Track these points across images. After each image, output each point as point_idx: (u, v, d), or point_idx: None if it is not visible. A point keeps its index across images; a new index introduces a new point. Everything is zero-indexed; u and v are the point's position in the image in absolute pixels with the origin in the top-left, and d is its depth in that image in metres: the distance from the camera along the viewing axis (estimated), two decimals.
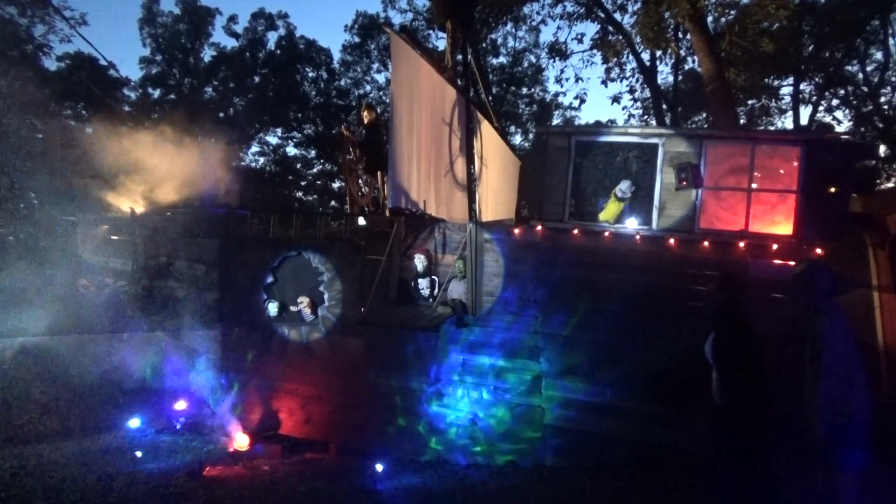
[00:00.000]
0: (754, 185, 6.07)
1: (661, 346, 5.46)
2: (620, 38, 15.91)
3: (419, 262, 6.49)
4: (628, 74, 17.53)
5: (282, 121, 22.01)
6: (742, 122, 16.27)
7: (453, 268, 6.35)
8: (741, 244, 5.66)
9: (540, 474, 5.64)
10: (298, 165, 23.35)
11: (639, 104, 19.27)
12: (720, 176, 6.16)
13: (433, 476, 5.73)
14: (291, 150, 23.34)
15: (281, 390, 6.84)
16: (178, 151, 8.27)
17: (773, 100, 18.26)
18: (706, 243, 5.71)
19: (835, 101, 17.82)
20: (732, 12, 12.77)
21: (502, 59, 21.71)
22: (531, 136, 23.36)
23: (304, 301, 6.67)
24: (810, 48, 16.05)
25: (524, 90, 23.33)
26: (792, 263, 5.27)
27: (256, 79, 21.75)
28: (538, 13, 17.64)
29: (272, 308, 6.75)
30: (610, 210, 6.49)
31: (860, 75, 16.78)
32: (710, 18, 13.12)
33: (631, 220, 6.40)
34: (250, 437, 6.70)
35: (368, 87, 22.57)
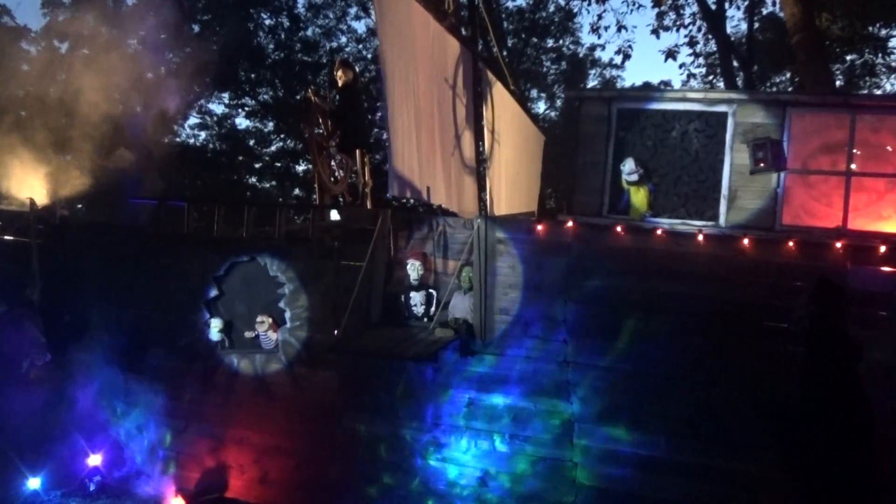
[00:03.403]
0: (854, 167, 6.07)
1: (730, 380, 5.46)
2: None
3: (412, 269, 6.50)
4: (688, 21, 17.54)
5: (230, 83, 22.10)
6: (839, 83, 16.27)
7: (456, 277, 6.36)
8: (838, 245, 5.66)
9: None
10: (251, 142, 23.39)
11: (701, 60, 19.28)
12: (809, 155, 6.17)
13: None
14: (242, 122, 23.40)
15: (228, 440, 6.85)
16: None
17: (881, 54, 18.24)
18: (791, 244, 5.71)
19: None
20: None
21: (520, 1, 21.81)
22: (559, 102, 23.40)
23: (264, 322, 6.66)
24: None
25: (550, 42, 23.38)
26: None
27: (196, 28, 21.87)
28: None
29: (214, 330, 6.76)
30: (636, 200, 6.55)
31: None
32: None
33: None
34: (187, 502, 6.73)
35: (344, 39, 22.62)
